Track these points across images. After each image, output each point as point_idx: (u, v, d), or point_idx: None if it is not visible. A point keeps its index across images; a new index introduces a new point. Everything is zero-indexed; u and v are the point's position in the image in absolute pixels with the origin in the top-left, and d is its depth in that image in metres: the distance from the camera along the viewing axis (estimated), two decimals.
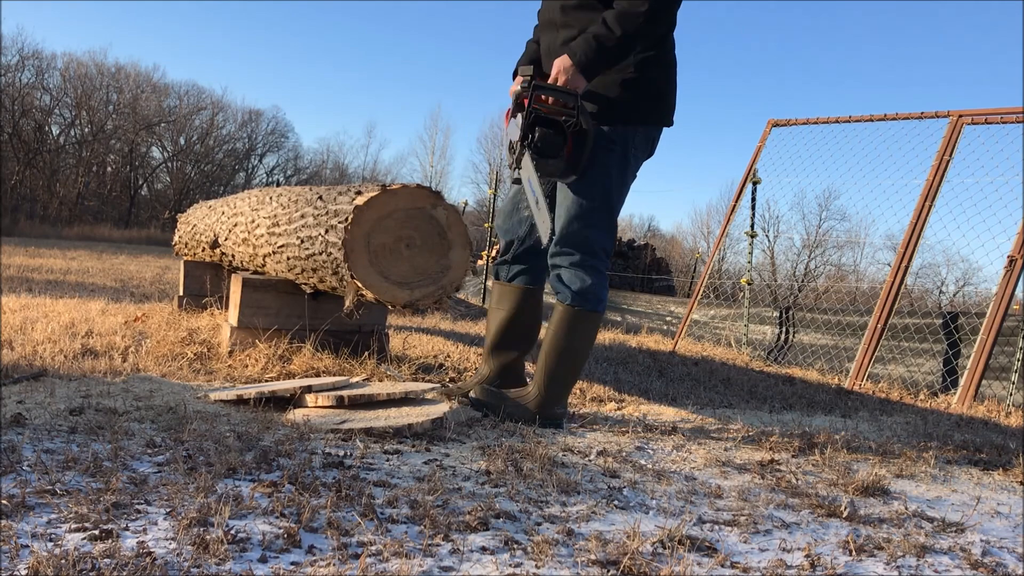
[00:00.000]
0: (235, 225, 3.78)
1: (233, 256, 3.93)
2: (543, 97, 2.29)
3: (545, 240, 2.31)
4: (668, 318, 7.75)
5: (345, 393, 2.34)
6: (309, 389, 2.39)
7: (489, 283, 9.87)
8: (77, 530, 1.28)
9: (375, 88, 56.90)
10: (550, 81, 2.33)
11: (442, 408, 2.26)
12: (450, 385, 2.80)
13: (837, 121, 5.63)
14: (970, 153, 4.84)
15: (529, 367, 3.01)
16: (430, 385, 2.50)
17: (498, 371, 2.70)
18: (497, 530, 1.45)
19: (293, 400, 2.39)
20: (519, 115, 2.33)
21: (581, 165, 2.37)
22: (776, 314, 6.22)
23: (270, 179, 36.35)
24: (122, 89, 32.30)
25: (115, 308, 4.72)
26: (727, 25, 52.02)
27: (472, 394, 2.56)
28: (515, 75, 2.61)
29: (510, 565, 1.30)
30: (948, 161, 4.81)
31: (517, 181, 2.41)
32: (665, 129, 2.60)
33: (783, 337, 6.06)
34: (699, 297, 6.19)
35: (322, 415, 2.22)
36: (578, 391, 3.10)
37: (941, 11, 49.61)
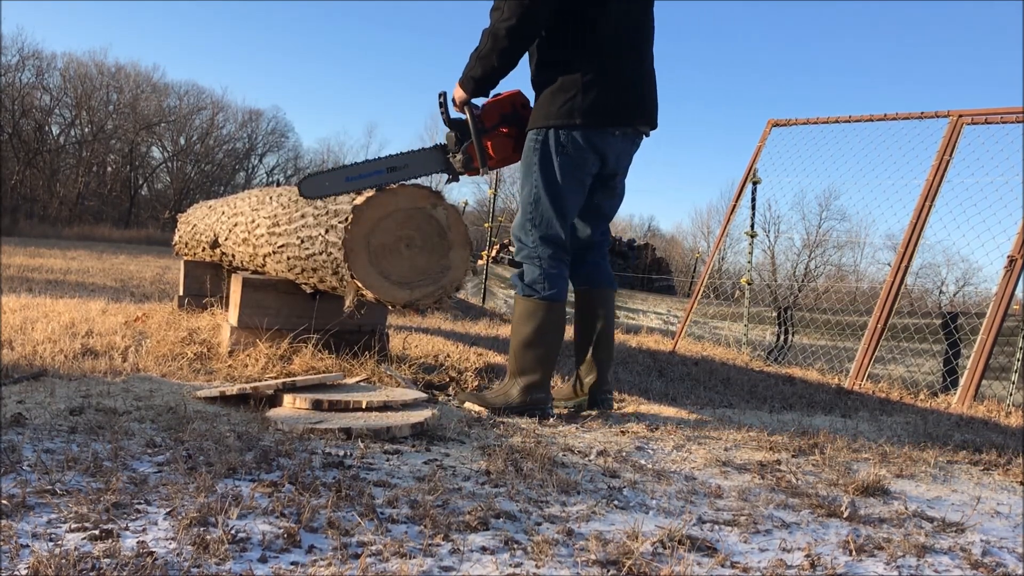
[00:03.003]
0: (235, 225, 3.78)
1: (233, 256, 3.93)
2: (440, 102, 2.66)
3: None
4: (668, 318, 7.75)
5: (324, 397, 2.33)
6: (294, 386, 2.39)
7: (489, 283, 9.87)
8: (77, 530, 1.28)
9: (375, 88, 56.93)
10: None
11: (424, 413, 2.26)
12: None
13: (837, 121, 5.63)
14: (970, 153, 4.84)
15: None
16: (416, 394, 2.50)
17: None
18: (497, 530, 1.45)
19: (267, 400, 2.39)
20: None
21: (477, 156, 2.65)
22: (775, 314, 6.21)
23: (270, 179, 36.34)
24: (122, 89, 32.29)
25: (115, 308, 4.72)
26: (727, 25, 52.01)
27: (457, 403, 2.69)
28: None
29: (510, 565, 1.30)
30: (948, 161, 4.81)
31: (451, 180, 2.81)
32: (651, 131, 2.72)
33: (782, 337, 6.05)
34: (699, 297, 6.19)
35: (300, 415, 2.22)
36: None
37: (941, 11, 49.59)
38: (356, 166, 2.67)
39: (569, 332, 2.78)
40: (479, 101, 2.68)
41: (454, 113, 2.68)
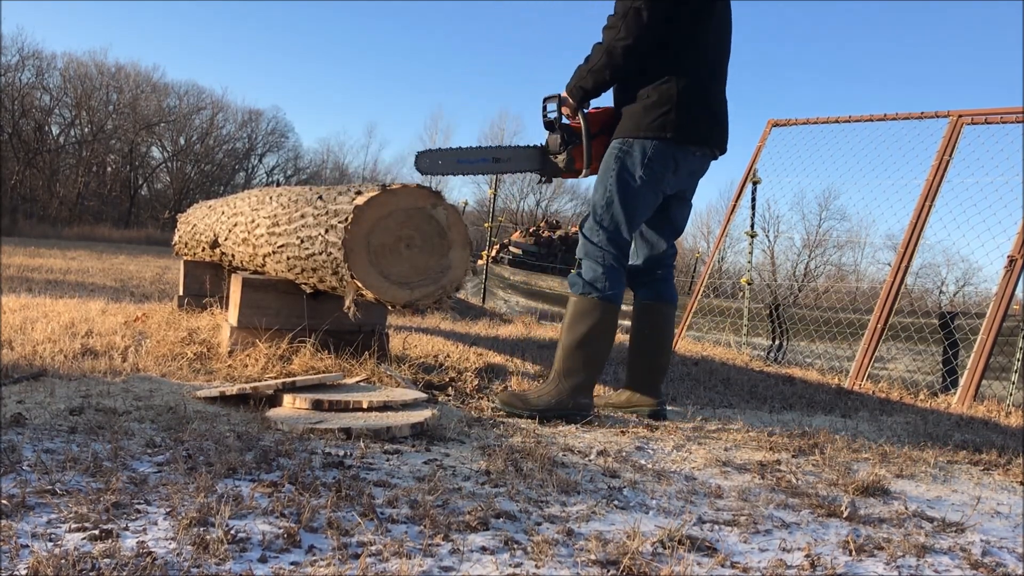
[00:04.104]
0: (235, 225, 3.78)
1: (233, 256, 3.93)
2: (546, 106, 2.76)
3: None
4: None
5: (324, 397, 2.33)
6: (294, 386, 2.39)
7: (489, 283, 9.87)
8: (77, 530, 1.28)
9: (375, 88, 56.92)
10: None
11: (424, 413, 2.26)
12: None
13: (837, 121, 5.63)
14: (970, 153, 4.83)
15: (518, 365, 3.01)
16: (416, 394, 2.50)
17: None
18: (497, 530, 1.45)
19: (267, 400, 2.38)
20: None
21: (584, 159, 2.73)
22: (766, 313, 6.19)
23: (270, 179, 36.35)
24: (122, 89, 32.28)
25: (115, 308, 4.72)
26: None
27: (498, 400, 2.66)
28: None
29: (510, 565, 1.30)
30: (948, 161, 4.81)
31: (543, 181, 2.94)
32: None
33: (775, 337, 6.03)
34: (699, 297, 6.18)
35: (299, 415, 2.22)
36: None
37: (941, 11, 49.59)
38: (468, 151, 2.77)
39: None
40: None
41: (552, 115, 2.78)
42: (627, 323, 2.97)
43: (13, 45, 28.85)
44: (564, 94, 2.73)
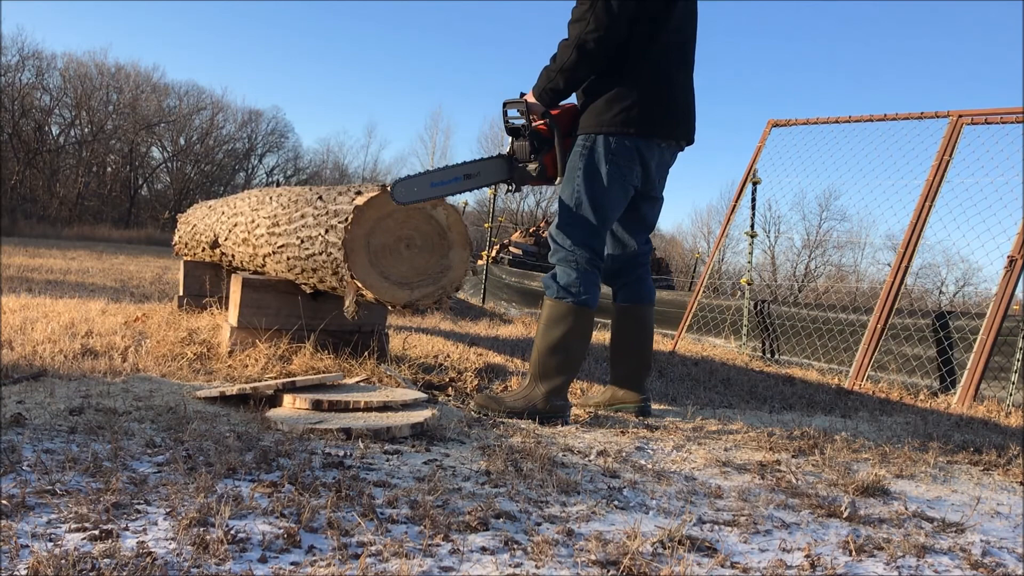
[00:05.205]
0: (235, 225, 3.78)
1: (233, 256, 3.93)
2: (508, 111, 2.69)
3: None
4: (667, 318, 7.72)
5: (324, 397, 2.34)
6: (294, 385, 2.39)
7: (489, 284, 9.87)
8: (77, 530, 1.28)
9: (375, 88, 56.84)
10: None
11: (424, 413, 2.26)
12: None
13: (837, 121, 5.63)
14: (970, 153, 4.83)
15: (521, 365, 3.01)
16: (416, 394, 2.50)
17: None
18: (497, 530, 1.45)
19: (267, 400, 2.39)
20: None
21: (555, 167, 2.68)
22: (753, 311, 6.16)
23: (270, 179, 36.32)
24: (122, 89, 32.27)
25: (115, 308, 4.72)
26: (727, 25, 51.96)
27: (474, 402, 2.65)
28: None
29: (510, 565, 1.30)
30: (948, 161, 4.81)
31: (512, 190, 2.84)
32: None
33: (764, 338, 6.01)
34: (699, 297, 6.18)
35: (300, 415, 2.22)
36: (578, 391, 3.10)
37: (941, 11, 49.59)
38: (440, 171, 2.69)
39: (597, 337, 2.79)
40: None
41: (516, 121, 2.69)
42: (605, 320, 2.97)
43: (13, 45, 28.83)
44: (531, 99, 2.64)
